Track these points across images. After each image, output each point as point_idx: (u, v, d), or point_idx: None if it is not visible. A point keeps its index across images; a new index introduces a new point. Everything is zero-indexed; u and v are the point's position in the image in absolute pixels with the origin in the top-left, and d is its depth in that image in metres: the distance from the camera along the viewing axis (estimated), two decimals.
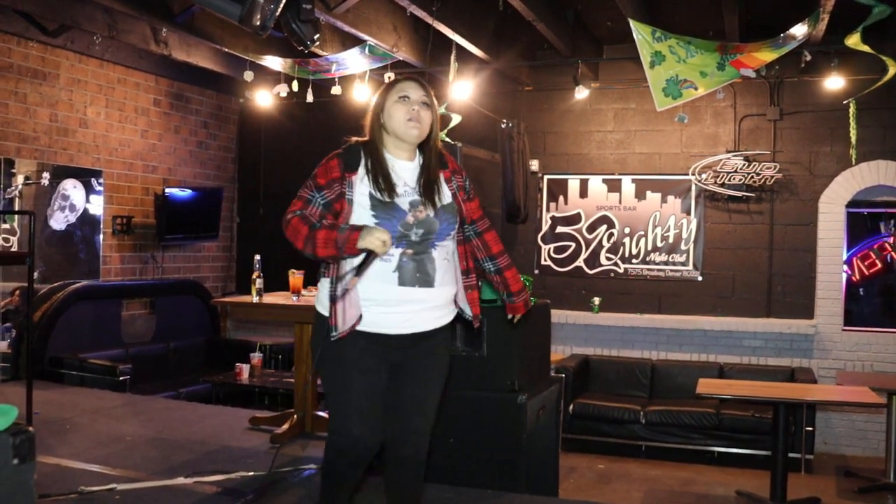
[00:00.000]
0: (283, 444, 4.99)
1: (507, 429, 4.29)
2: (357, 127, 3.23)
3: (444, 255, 3.09)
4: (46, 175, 7.59)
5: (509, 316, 3.48)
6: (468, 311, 3.22)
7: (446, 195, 3.14)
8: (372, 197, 2.97)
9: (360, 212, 2.97)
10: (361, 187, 2.99)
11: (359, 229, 2.81)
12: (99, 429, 5.31)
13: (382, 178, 3.01)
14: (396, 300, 2.99)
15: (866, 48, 5.61)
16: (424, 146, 3.15)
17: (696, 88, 6.18)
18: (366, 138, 3.14)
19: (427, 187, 3.07)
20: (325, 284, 3.08)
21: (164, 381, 7.90)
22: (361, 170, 3.02)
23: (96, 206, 8.16)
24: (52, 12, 6.74)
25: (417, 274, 3.00)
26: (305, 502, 4.03)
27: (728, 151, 8.42)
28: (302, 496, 4.13)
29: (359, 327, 2.99)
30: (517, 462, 4.30)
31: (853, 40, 5.52)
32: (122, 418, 5.67)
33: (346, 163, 3.03)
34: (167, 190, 8.80)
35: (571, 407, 7.94)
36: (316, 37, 4.39)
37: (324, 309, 3.06)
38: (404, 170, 3.10)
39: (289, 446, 5.00)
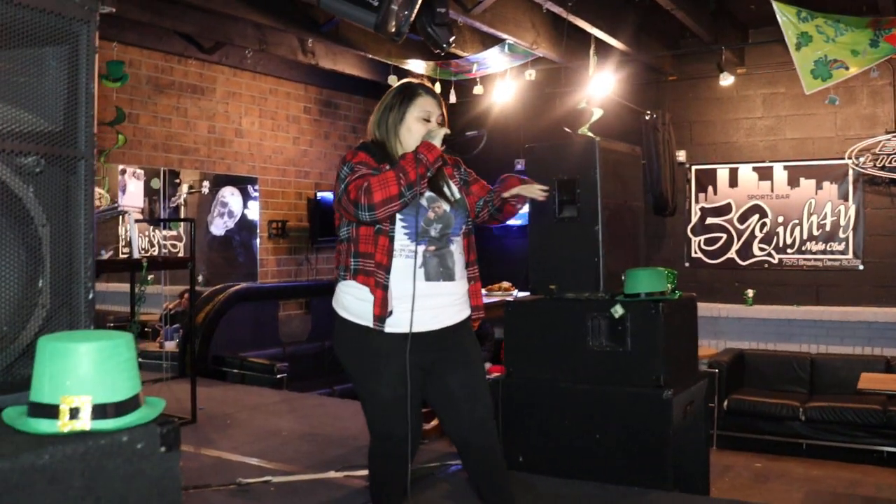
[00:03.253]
0: (430, 440, 5.10)
1: (653, 425, 4.23)
2: (501, 125, 3.26)
3: (459, 250, 3.18)
4: (206, 184, 8.02)
5: (508, 193, 3.27)
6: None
7: (455, 191, 3.24)
8: None
9: None
10: None
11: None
12: (257, 424, 5.57)
13: None
14: (425, 295, 3.04)
15: None
16: None
17: (847, 68, 5.92)
18: (372, 139, 3.19)
19: (438, 185, 3.16)
20: (345, 287, 3.09)
21: (319, 379, 8.17)
22: None
23: (253, 211, 8.55)
24: (207, 31, 7.12)
25: (441, 268, 3.09)
26: (451, 497, 4.10)
27: (888, 132, 7.98)
28: (448, 491, 4.21)
29: (392, 328, 3.01)
30: (664, 459, 4.24)
31: None
32: (279, 414, 5.93)
33: (374, 157, 3.08)
34: (319, 194, 9.12)
35: (726, 403, 7.73)
36: (451, 39, 4.46)
37: (347, 313, 3.07)
38: None
39: (436, 442, 5.11)
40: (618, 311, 4.31)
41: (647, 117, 8.28)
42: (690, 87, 8.92)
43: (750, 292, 8.55)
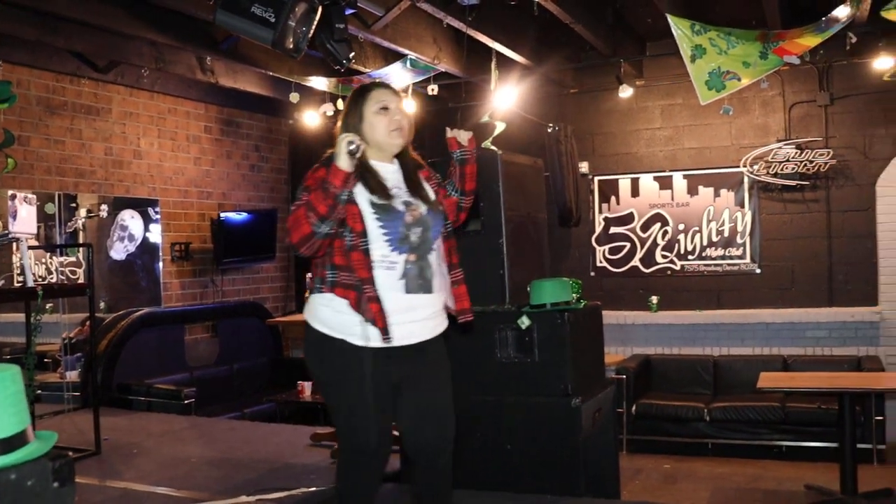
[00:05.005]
0: None
1: (563, 433, 4.29)
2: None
3: (438, 260, 3.16)
4: (105, 207, 7.81)
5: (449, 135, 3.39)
6: (452, 305, 3.25)
7: (430, 193, 3.23)
8: (371, 203, 3.02)
9: (366, 217, 3.01)
10: (359, 195, 3.02)
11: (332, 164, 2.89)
12: (165, 452, 5.44)
13: (375, 183, 3.06)
14: (405, 308, 3.02)
15: None
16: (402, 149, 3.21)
17: (739, 79, 6.12)
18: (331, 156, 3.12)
19: (414, 186, 3.16)
20: (320, 300, 3.07)
21: (229, 403, 8.04)
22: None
23: (154, 234, 8.35)
24: (101, 49, 6.94)
25: (419, 280, 3.05)
26: None
27: (779, 140, 8.29)
28: None
29: (369, 342, 2.98)
30: (575, 465, 4.29)
31: (890, 14, 5.43)
32: (188, 441, 5.80)
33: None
34: (222, 214, 8.96)
35: (634, 408, 7.88)
36: (351, 55, 4.44)
37: (323, 326, 3.05)
38: (389, 173, 3.15)
39: None
40: (524, 322, 4.35)
41: (549, 130, 8.40)
42: (591, 100, 9.09)
43: (654, 299, 8.74)
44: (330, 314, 3.01)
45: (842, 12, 5.82)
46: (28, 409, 1.53)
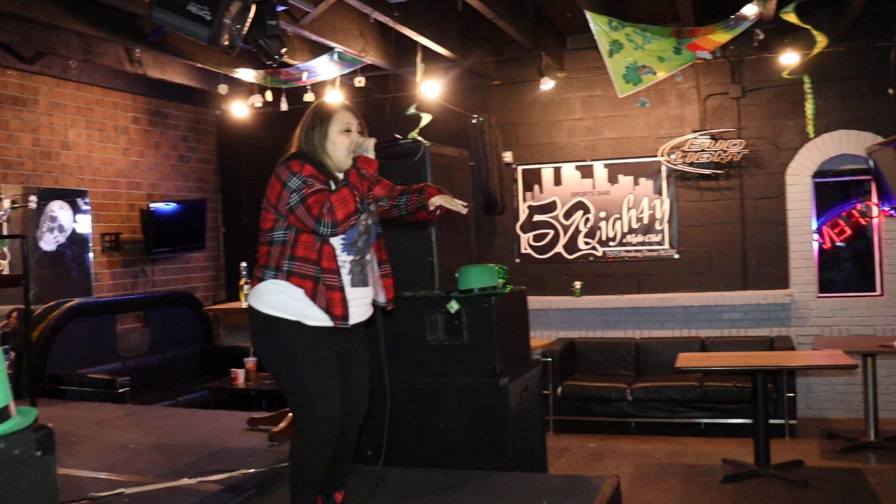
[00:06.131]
0: (281, 441, 5.21)
1: (492, 411, 4.50)
2: None
3: (372, 258, 3.55)
4: (33, 198, 7.77)
5: (432, 206, 3.59)
6: (382, 299, 3.61)
7: (372, 204, 3.57)
8: None
9: None
10: None
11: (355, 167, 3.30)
12: (103, 439, 5.50)
13: None
14: (349, 298, 3.39)
15: (798, 22, 5.90)
16: None
17: (654, 73, 6.40)
18: (303, 153, 3.43)
19: (363, 198, 3.40)
20: (273, 286, 3.33)
21: (162, 392, 8.08)
22: None
23: (84, 225, 8.34)
24: (27, 40, 6.92)
25: (360, 276, 3.46)
26: None
27: (694, 131, 8.64)
28: None
29: (319, 322, 3.32)
30: (504, 443, 4.50)
31: (789, 15, 5.80)
32: (125, 428, 5.87)
33: (319, 171, 3.35)
34: (152, 205, 8.98)
35: (560, 389, 8.16)
36: (283, 51, 4.59)
37: (274, 310, 3.33)
38: None
39: (286, 443, 5.20)
40: (453, 306, 4.55)
41: (474, 121, 8.61)
42: (514, 91, 9.33)
43: (577, 284, 9.04)
44: (284, 299, 3.31)
45: (749, 10, 6.14)
46: (10, 387, 1.68)
